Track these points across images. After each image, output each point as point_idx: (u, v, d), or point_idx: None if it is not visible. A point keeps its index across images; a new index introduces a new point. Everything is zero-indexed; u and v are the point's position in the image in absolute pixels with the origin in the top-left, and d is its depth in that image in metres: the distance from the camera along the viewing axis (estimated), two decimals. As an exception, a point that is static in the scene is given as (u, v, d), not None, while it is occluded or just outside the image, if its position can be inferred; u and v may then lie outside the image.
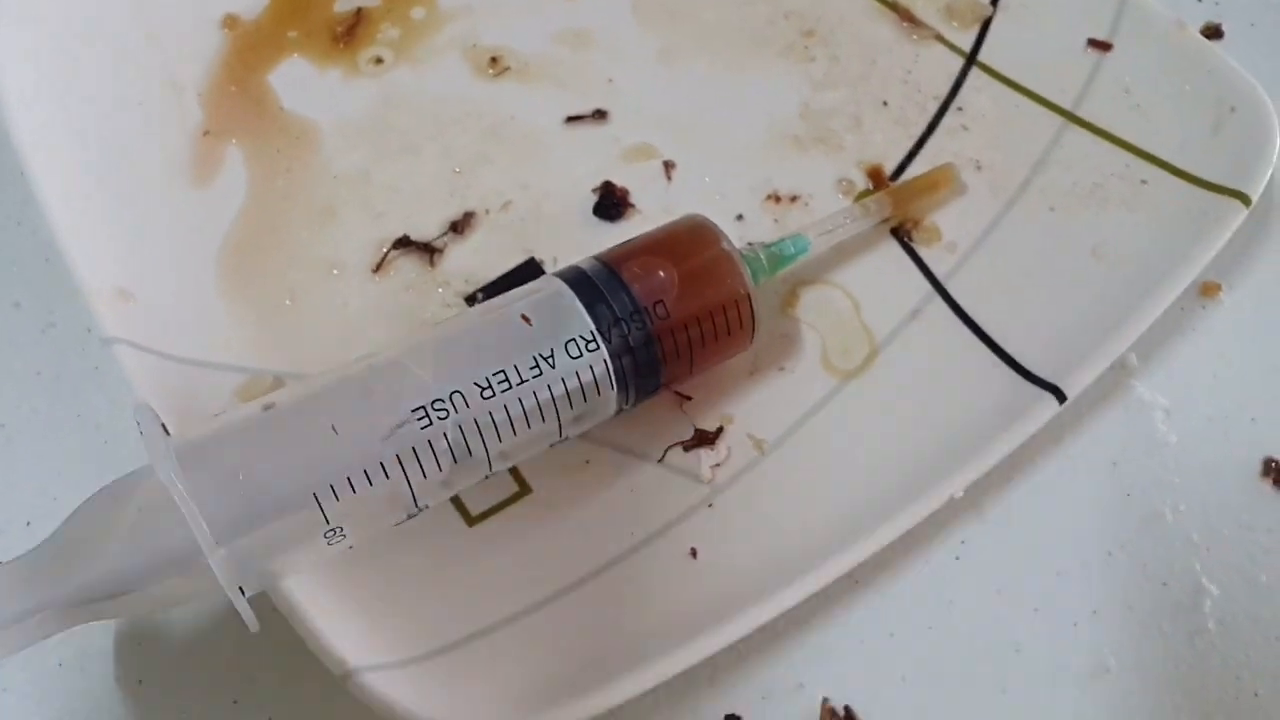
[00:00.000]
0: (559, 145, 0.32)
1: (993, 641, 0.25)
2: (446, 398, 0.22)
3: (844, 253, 0.29)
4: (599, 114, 0.32)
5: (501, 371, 0.23)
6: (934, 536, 0.26)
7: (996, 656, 0.25)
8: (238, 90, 0.33)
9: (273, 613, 0.23)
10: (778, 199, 0.30)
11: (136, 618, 0.25)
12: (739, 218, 0.30)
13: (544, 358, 0.23)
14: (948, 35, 0.33)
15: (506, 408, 0.23)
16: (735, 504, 0.26)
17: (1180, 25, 0.30)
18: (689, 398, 0.27)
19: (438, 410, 0.22)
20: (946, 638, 0.25)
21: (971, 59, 0.32)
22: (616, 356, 0.24)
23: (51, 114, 0.30)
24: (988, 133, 0.31)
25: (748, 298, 0.25)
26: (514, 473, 0.26)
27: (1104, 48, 0.31)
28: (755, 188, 0.31)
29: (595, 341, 0.24)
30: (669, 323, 0.24)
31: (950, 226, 0.30)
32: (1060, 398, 0.25)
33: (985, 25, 0.32)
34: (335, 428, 0.22)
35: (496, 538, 0.26)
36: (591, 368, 0.24)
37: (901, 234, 0.30)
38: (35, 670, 0.25)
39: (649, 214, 0.30)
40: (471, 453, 0.23)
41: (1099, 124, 0.30)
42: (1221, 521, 0.26)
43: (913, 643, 0.25)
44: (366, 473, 0.21)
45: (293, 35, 0.34)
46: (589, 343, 0.24)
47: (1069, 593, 0.25)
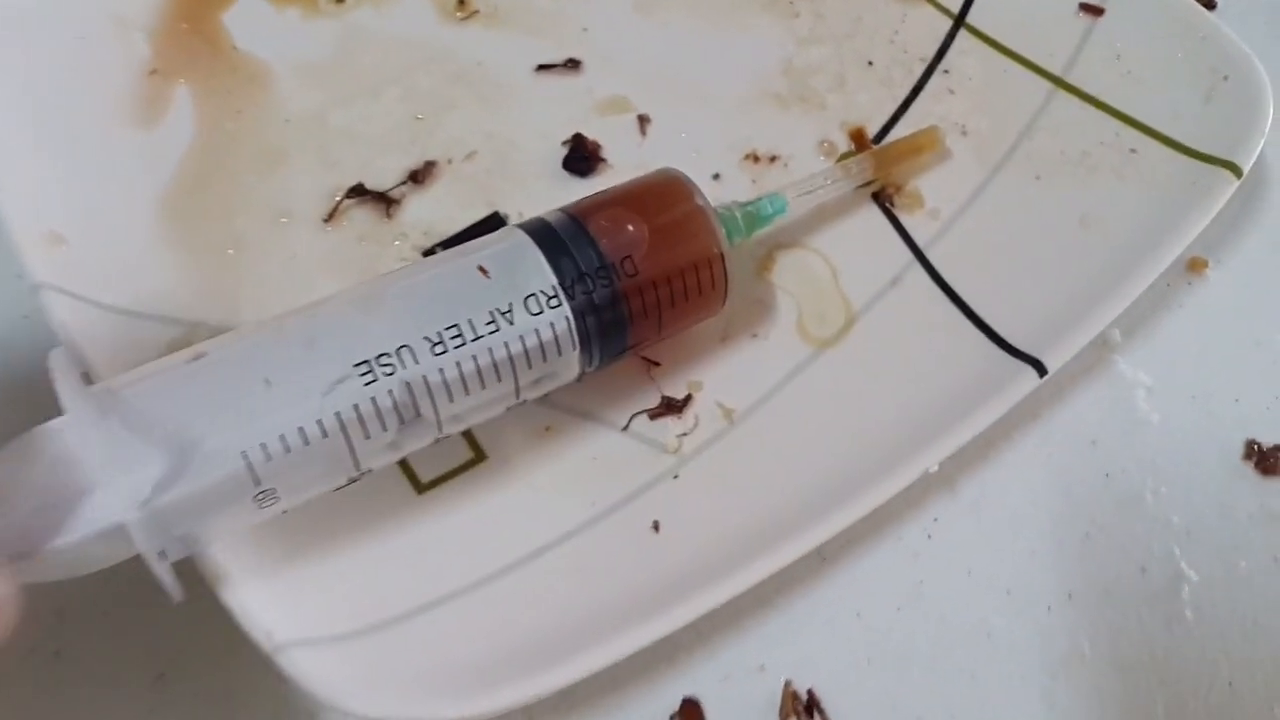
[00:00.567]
0: (528, 94, 0.30)
1: (963, 624, 0.24)
2: (393, 352, 0.21)
3: (823, 217, 0.28)
4: (571, 63, 0.30)
5: (455, 326, 0.21)
6: (905, 513, 0.25)
7: (967, 640, 0.24)
8: (189, 28, 0.31)
9: (201, 580, 0.21)
10: (756, 159, 0.29)
11: (49, 581, 0.23)
12: (715, 177, 0.29)
13: (501, 313, 0.22)
14: (936, -6, 0.31)
15: (459, 365, 0.21)
16: (701, 476, 0.25)
17: (1174, -10, 0.29)
18: (657, 363, 0.26)
19: (383, 365, 0.21)
20: (915, 620, 0.24)
21: (960, 20, 0.31)
22: (580, 314, 0.22)
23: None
24: (974, 97, 0.30)
25: (721, 257, 0.24)
26: (468, 437, 0.25)
27: (1096, 12, 0.30)
28: (733, 146, 0.29)
29: (558, 297, 0.22)
30: (637, 280, 0.23)
31: (933, 193, 0.28)
32: (1041, 371, 0.24)
33: (975, -15, 0.31)
34: (269, 380, 0.20)
35: (447, 506, 0.24)
36: (553, 325, 0.22)
37: (883, 199, 0.28)
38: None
39: (621, 170, 0.29)
40: (420, 413, 0.21)
41: (1089, 90, 0.29)
42: (1203, 505, 0.25)
43: (880, 624, 0.24)
44: (302, 430, 0.20)
45: (251, -30, 0.32)
46: (551, 298, 0.22)
47: (1043, 575, 0.24)
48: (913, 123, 0.29)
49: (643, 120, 0.30)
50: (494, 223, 0.28)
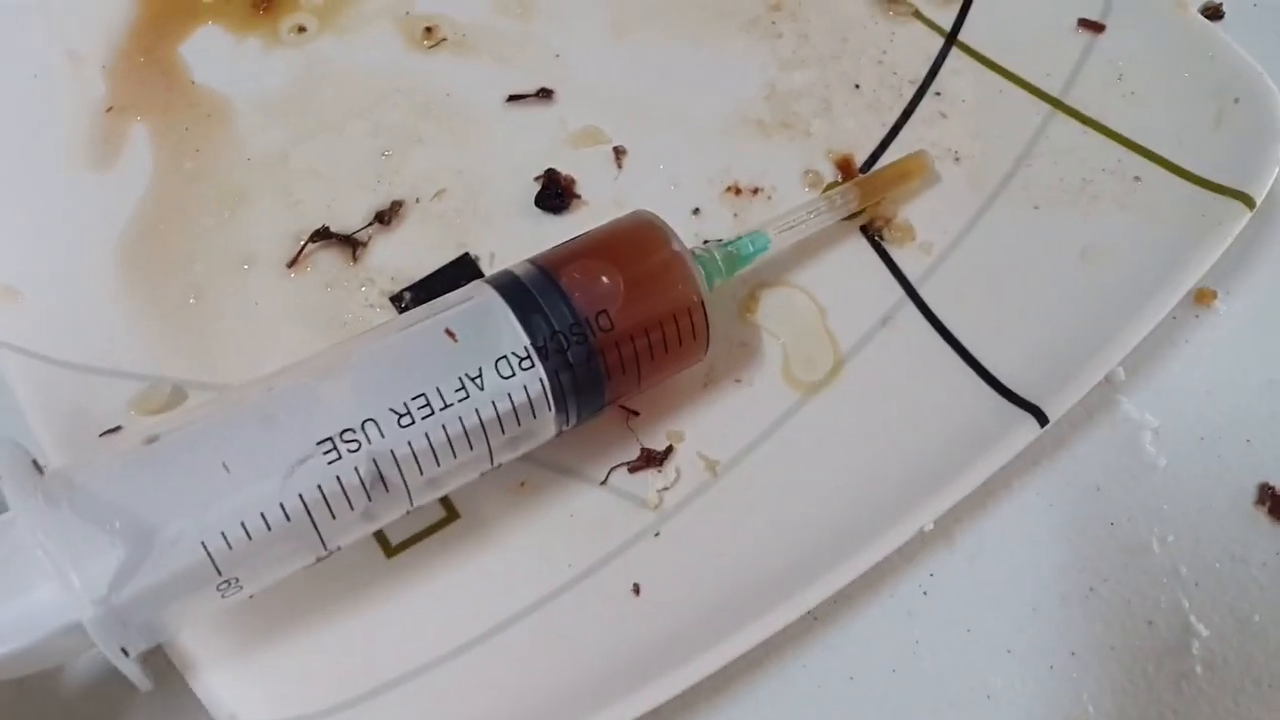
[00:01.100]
0: (499, 127, 0.29)
1: (962, 685, 0.23)
2: (358, 427, 0.20)
3: (809, 252, 0.27)
4: (544, 93, 0.29)
5: (422, 395, 0.20)
6: (899, 568, 0.24)
7: (966, 702, 0.23)
8: (145, 61, 0.30)
9: (169, 664, 0.20)
10: (738, 190, 0.28)
11: (9, 677, 0.22)
12: (695, 211, 0.28)
13: (471, 378, 0.21)
14: (926, 11, 0.30)
15: (428, 436, 0.20)
16: (683, 533, 0.24)
17: (1179, 4, 0.28)
18: (636, 413, 0.25)
19: (347, 441, 0.20)
20: (911, 681, 0.23)
21: (952, 38, 0.30)
22: (554, 374, 0.21)
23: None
24: (968, 121, 0.28)
25: (701, 305, 0.23)
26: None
27: (1096, 28, 0.29)
28: (714, 178, 0.28)
29: (530, 359, 0.21)
30: (613, 335, 0.22)
31: (925, 225, 0.27)
32: (1041, 420, 0.23)
33: (967, 1, 0.30)
34: (226, 465, 0.19)
35: (418, 570, 0.23)
36: (526, 388, 0.21)
37: (872, 232, 0.27)
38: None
39: (597, 206, 0.28)
40: (388, 487, 0.20)
41: (1089, 113, 0.28)
42: (1213, 554, 0.24)
43: (874, 687, 0.23)
44: (264, 515, 0.19)
45: (208, 0, 0.31)
46: (522, 360, 0.21)
47: (1045, 631, 0.23)
48: (903, 149, 0.28)
49: (619, 152, 0.28)
50: (464, 265, 0.27)
